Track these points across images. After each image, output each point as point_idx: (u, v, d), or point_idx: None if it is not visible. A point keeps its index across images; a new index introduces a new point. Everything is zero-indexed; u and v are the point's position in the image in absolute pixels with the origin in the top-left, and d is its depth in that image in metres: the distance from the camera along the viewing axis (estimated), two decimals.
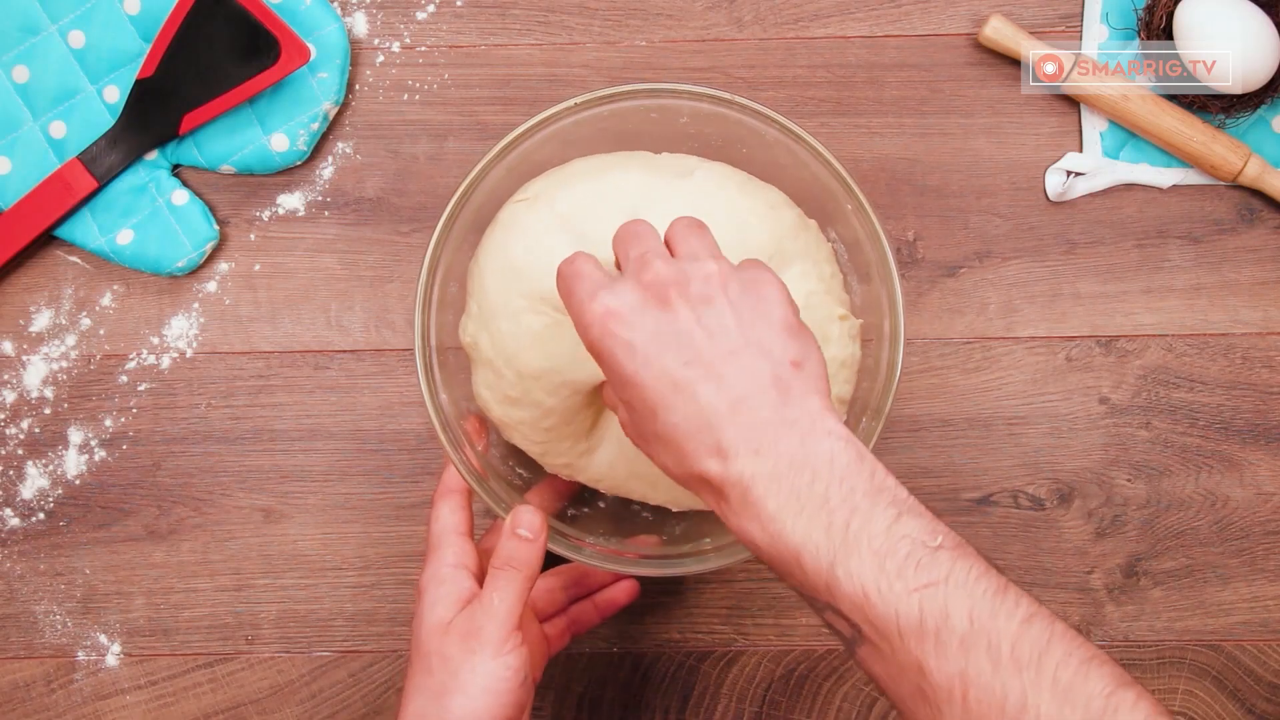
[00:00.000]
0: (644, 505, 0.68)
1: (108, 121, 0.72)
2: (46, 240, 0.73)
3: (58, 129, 0.72)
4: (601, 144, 0.66)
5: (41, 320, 0.73)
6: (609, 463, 0.66)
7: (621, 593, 0.69)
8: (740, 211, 0.63)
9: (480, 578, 0.59)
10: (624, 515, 0.68)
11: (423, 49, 0.74)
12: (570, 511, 0.68)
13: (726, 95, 0.63)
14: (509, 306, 0.63)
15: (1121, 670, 0.45)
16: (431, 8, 0.74)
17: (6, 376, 0.73)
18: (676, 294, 0.50)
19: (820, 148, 0.63)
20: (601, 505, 0.68)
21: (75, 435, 0.73)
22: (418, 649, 0.58)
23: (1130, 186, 0.74)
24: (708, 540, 0.65)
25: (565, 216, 0.63)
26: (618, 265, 0.54)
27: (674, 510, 0.67)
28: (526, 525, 0.58)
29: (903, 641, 0.45)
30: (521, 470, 0.68)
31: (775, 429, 0.48)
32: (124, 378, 0.73)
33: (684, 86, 0.64)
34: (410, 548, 0.73)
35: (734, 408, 0.49)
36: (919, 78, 0.74)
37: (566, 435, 0.65)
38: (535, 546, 0.58)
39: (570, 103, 0.63)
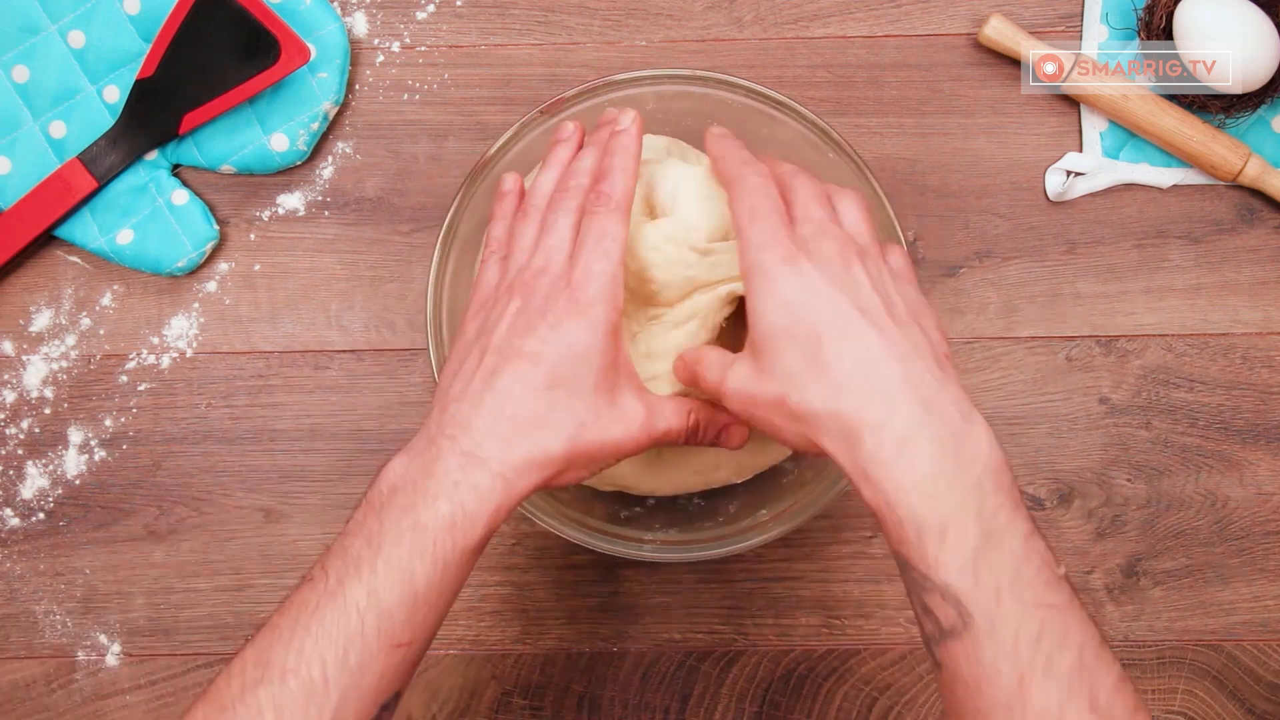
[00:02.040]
0: (690, 493, 0.68)
1: (108, 121, 0.72)
2: (46, 240, 0.73)
3: (58, 129, 0.72)
4: None
5: (41, 320, 0.73)
6: (657, 477, 0.67)
7: None
8: None
9: None
10: (674, 506, 0.68)
11: (423, 49, 0.74)
12: (623, 513, 0.68)
13: (702, 73, 0.65)
14: None
15: None
16: (431, 8, 0.74)
17: (6, 376, 0.73)
18: (860, 262, 0.52)
19: (838, 137, 0.64)
20: (651, 502, 0.68)
21: (75, 435, 0.73)
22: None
23: (1130, 186, 0.74)
24: (764, 511, 0.65)
25: None
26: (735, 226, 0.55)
27: (718, 489, 0.68)
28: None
29: (1015, 651, 0.45)
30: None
31: (939, 398, 0.48)
32: (124, 378, 0.73)
33: (693, 72, 0.64)
34: None
35: (904, 363, 0.49)
36: (919, 78, 0.74)
37: None
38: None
39: (573, 91, 0.64)
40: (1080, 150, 0.74)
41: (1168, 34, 0.71)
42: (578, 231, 0.56)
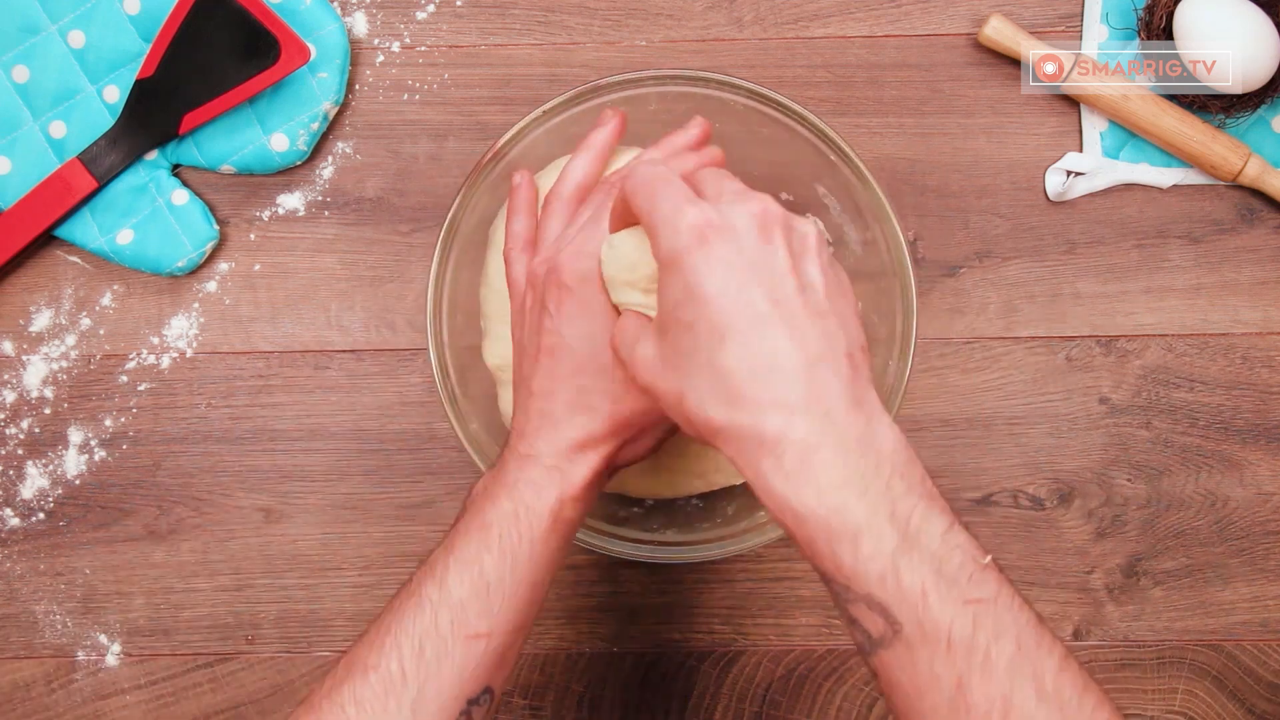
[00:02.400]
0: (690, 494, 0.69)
1: (108, 121, 0.72)
2: (46, 240, 0.73)
3: (58, 129, 0.72)
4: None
5: (41, 320, 0.73)
6: (657, 480, 0.67)
7: None
8: None
9: None
10: (673, 507, 0.68)
11: (423, 49, 0.74)
12: (621, 513, 0.68)
13: (749, 84, 0.64)
14: None
15: None
16: (431, 8, 0.74)
17: (6, 376, 0.73)
18: (781, 234, 0.48)
19: (838, 139, 0.63)
20: (649, 503, 0.69)
21: (75, 435, 0.73)
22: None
23: (1130, 186, 0.74)
24: (762, 513, 0.65)
25: None
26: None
27: (717, 490, 0.68)
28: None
29: (949, 652, 0.43)
30: None
31: (846, 402, 0.46)
32: (124, 378, 0.73)
33: (653, 73, 0.65)
34: (410, 547, 0.73)
35: (810, 365, 0.45)
36: (919, 78, 0.74)
37: None
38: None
39: (539, 111, 0.64)
40: (1080, 150, 0.74)
41: (1168, 34, 0.71)
42: None
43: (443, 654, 0.50)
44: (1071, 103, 0.74)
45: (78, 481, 0.73)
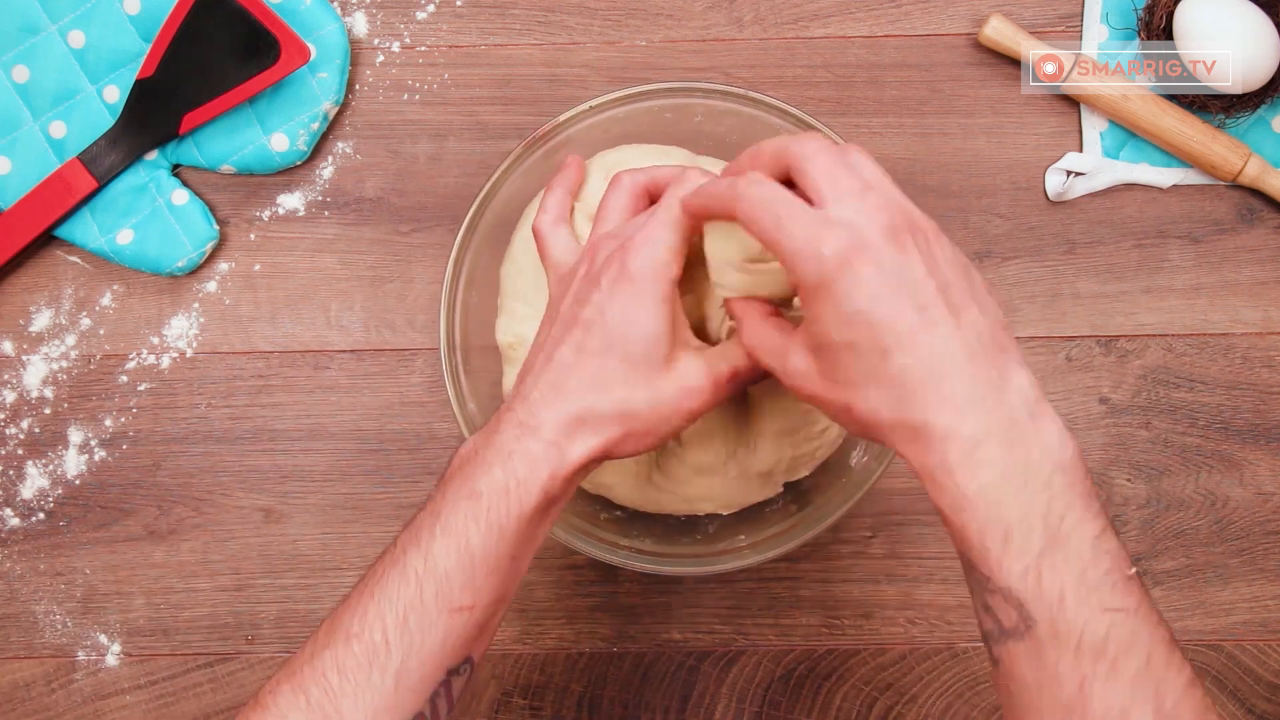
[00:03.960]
0: None
1: (108, 121, 0.72)
2: (46, 240, 0.73)
3: (58, 129, 0.72)
4: (616, 144, 0.67)
5: (41, 320, 0.73)
6: (643, 497, 0.67)
7: None
8: None
9: None
10: (653, 517, 0.68)
11: (423, 49, 0.74)
12: (603, 515, 0.68)
13: (752, 94, 0.64)
14: None
15: None
16: (431, 8, 0.74)
17: (6, 376, 0.73)
18: (911, 239, 0.47)
19: (839, 140, 0.63)
20: (633, 509, 0.69)
21: (75, 435, 0.73)
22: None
23: (1130, 186, 0.74)
24: (742, 537, 0.65)
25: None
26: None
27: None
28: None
29: (1077, 655, 0.44)
30: None
31: (1003, 392, 0.47)
32: (124, 378, 0.73)
33: (705, 85, 0.65)
34: None
35: (971, 362, 0.46)
36: (919, 78, 0.74)
37: None
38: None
39: (586, 105, 0.64)
40: (1080, 150, 0.74)
41: (1168, 34, 0.71)
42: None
43: (426, 625, 0.50)
44: (1071, 103, 0.74)
45: (78, 481, 0.73)
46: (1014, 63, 0.74)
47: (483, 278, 0.66)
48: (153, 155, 0.73)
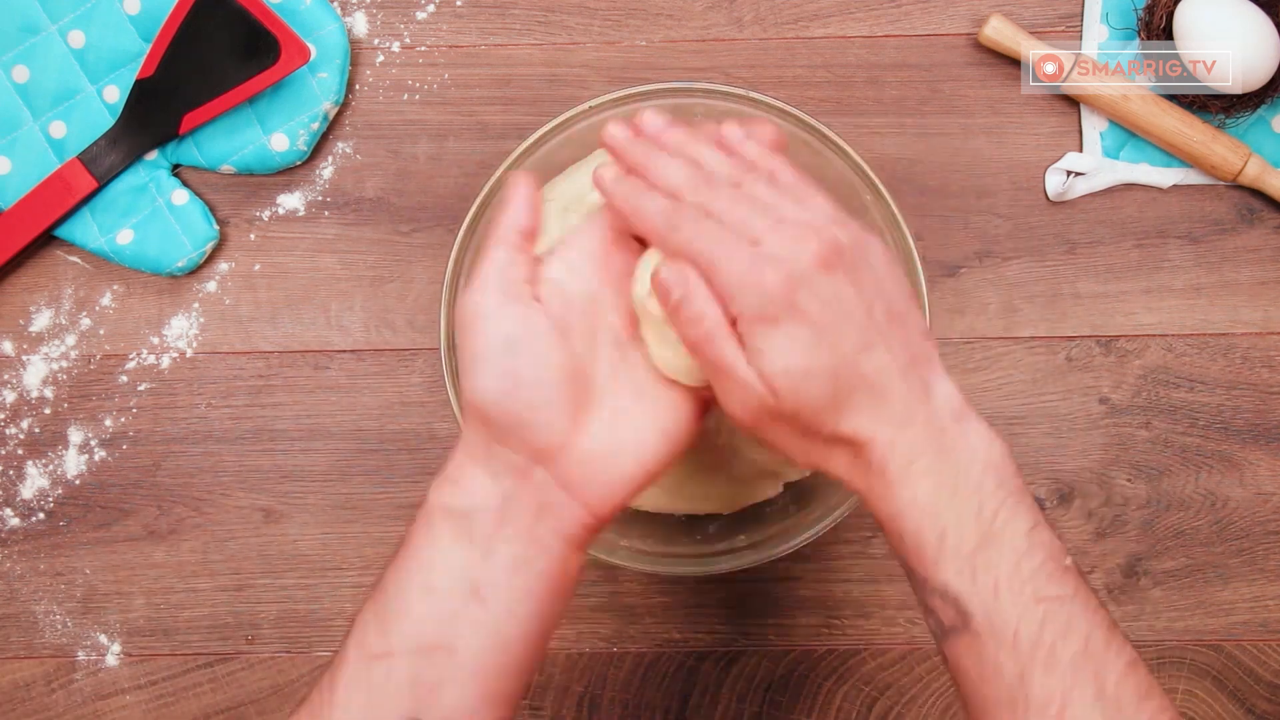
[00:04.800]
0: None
1: (108, 121, 0.72)
2: (46, 240, 0.73)
3: (58, 129, 0.72)
4: None
5: (41, 320, 0.73)
6: (644, 495, 0.66)
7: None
8: None
9: None
10: (655, 517, 0.68)
11: (423, 49, 0.74)
12: None
13: (752, 94, 0.64)
14: None
15: None
16: (431, 8, 0.74)
17: (6, 376, 0.73)
18: (841, 268, 0.48)
19: (836, 138, 0.63)
20: (633, 509, 0.68)
21: (75, 435, 0.73)
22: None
23: (1130, 186, 0.74)
24: (742, 538, 0.65)
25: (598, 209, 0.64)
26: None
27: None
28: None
29: (1014, 646, 0.45)
30: None
31: (931, 402, 0.49)
32: (124, 378, 0.73)
33: (704, 85, 0.64)
34: None
35: (902, 375, 0.48)
36: (919, 78, 0.74)
37: None
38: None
39: (585, 106, 0.64)
40: (1080, 150, 0.74)
41: (1168, 34, 0.71)
42: None
43: (350, 680, 0.48)
44: (1071, 103, 0.74)
45: (78, 481, 0.73)
46: (1014, 63, 0.74)
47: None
48: (153, 155, 0.73)
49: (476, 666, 0.48)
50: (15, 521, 0.73)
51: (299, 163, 0.73)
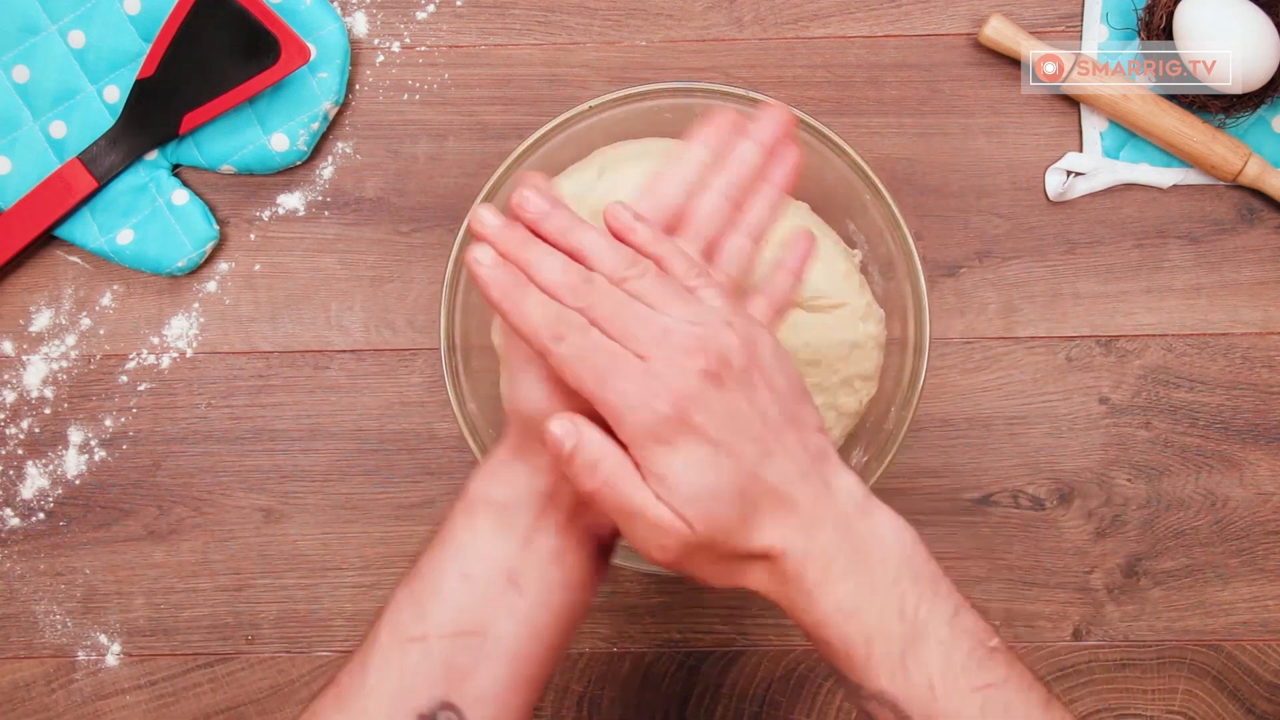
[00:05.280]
0: None
1: (108, 121, 0.72)
2: (46, 240, 0.73)
3: (58, 129, 0.72)
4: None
5: (41, 320, 0.73)
6: None
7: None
8: None
9: None
10: None
11: (423, 49, 0.74)
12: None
13: (752, 94, 0.64)
14: None
15: None
16: (431, 8, 0.74)
17: (6, 376, 0.73)
18: (730, 377, 0.47)
19: (836, 138, 0.64)
20: None
21: (75, 435, 0.73)
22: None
23: (1130, 186, 0.74)
24: None
25: (598, 209, 0.64)
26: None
27: None
28: None
29: None
30: None
31: (835, 499, 0.48)
32: (124, 378, 0.73)
33: (704, 85, 0.64)
34: (410, 548, 0.73)
35: (803, 477, 0.48)
36: (919, 78, 0.74)
37: None
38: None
39: (585, 106, 0.64)
40: (1080, 150, 0.74)
41: (1168, 34, 0.71)
42: None
43: (381, 663, 0.48)
44: (1071, 103, 0.74)
45: (78, 481, 0.73)
46: (1014, 63, 0.74)
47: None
48: (153, 155, 0.73)
49: (510, 652, 0.49)
50: (15, 521, 0.73)
51: (299, 163, 0.73)
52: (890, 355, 0.66)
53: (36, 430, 0.73)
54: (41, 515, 0.73)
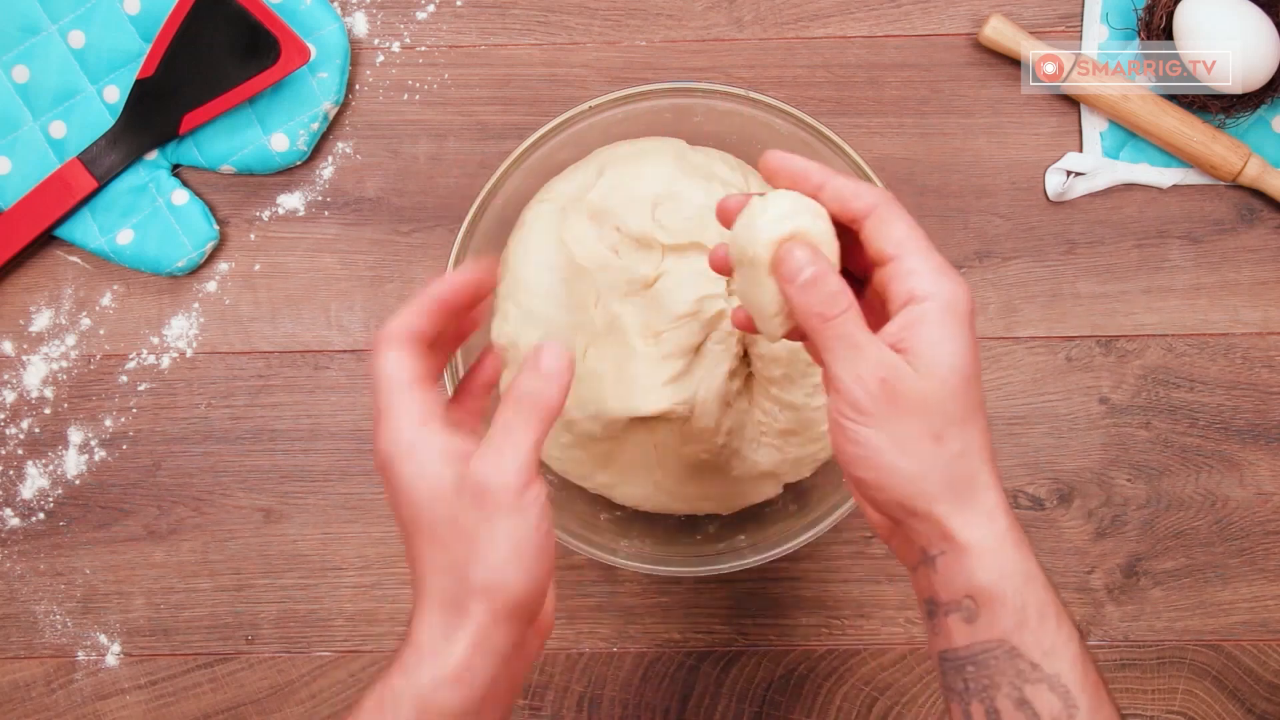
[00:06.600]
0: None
1: (108, 121, 0.72)
2: (46, 240, 0.73)
3: (58, 129, 0.72)
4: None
5: (41, 320, 0.73)
6: (644, 496, 0.67)
7: None
8: None
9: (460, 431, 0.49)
10: (652, 517, 0.68)
11: (423, 49, 0.74)
12: (603, 516, 0.68)
13: (752, 94, 0.64)
14: (552, 301, 0.64)
15: None
16: (431, 8, 0.74)
17: (6, 376, 0.73)
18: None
19: (836, 138, 0.64)
20: (632, 509, 0.69)
21: (75, 435, 0.73)
22: (416, 524, 0.48)
23: (1130, 186, 0.74)
24: (743, 537, 0.66)
25: (598, 209, 0.64)
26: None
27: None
28: (551, 358, 0.48)
29: None
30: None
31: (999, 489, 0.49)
32: (124, 378, 0.73)
33: (704, 85, 0.65)
34: None
35: (989, 457, 0.49)
36: (919, 78, 0.74)
37: (582, 456, 0.66)
38: (558, 384, 0.48)
39: (586, 106, 0.65)
40: (1080, 150, 0.74)
41: (1168, 34, 0.71)
42: None
43: None
44: (1071, 103, 0.74)
45: (78, 481, 0.73)
46: (1014, 63, 0.74)
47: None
48: (153, 155, 0.73)
49: None
50: (15, 521, 0.73)
51: (299, 163, 0.73)
52: None
53: (36, 430, 0.73)
54: (41, 515, 0.73)
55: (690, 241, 0.62)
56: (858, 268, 0.52)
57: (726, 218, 0.52)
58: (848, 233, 0.50)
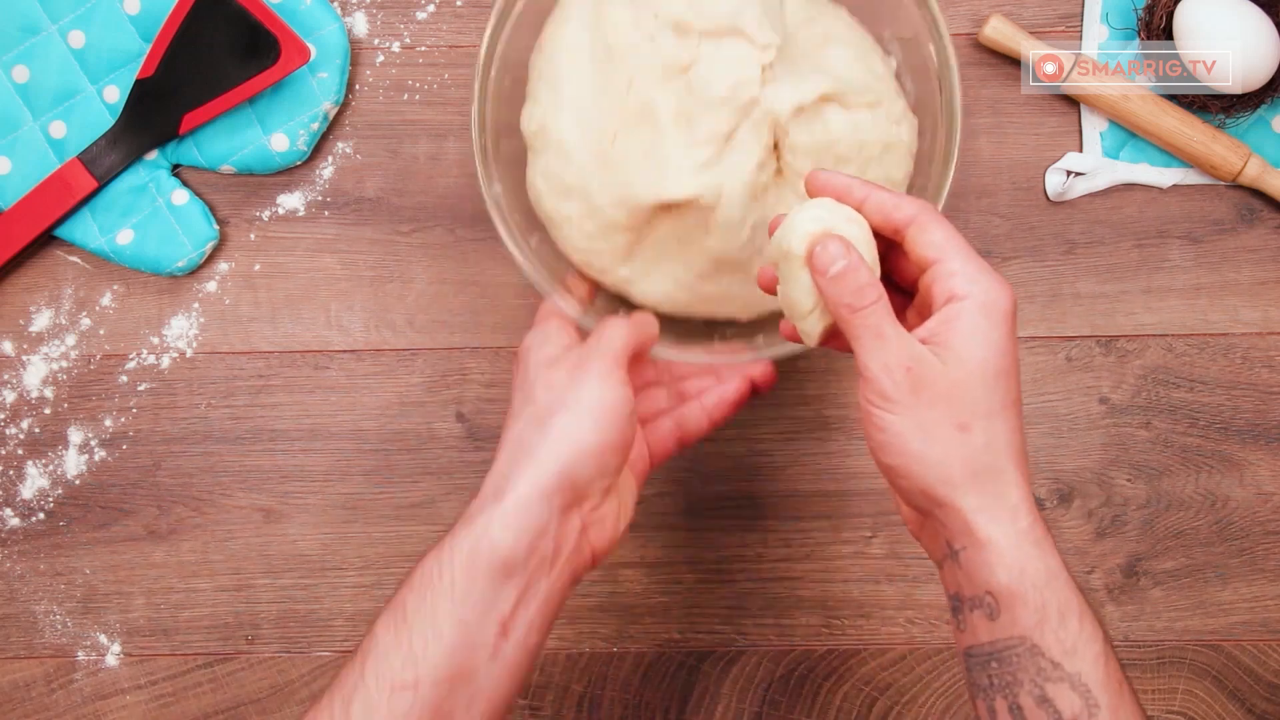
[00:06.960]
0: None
1: (108, 121, 0.72)
2: (46, 240, 0.73)
3: (58, 129, 0.72)
4: None
5: (41, 320, 0.73)
6: (664, 294, 0.66)
7: (733, 391, 0.62)
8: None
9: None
10: (672, 320, 0.67)
11: (423, 49, 0.74)
12: (622, 312, 0.66)
13: None
14: (585, 86, 0.64)
15: None
16: (431, 8, 0.74)
17: (6, 376, 0.73)
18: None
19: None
20: (650, 309, 0.67)
21: (75, 435, 0.73)
22: (522, 384, 0.55)
23: (1130, 186, 0.74)
24: (761, 338, 0.66)
25: None
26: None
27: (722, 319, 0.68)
28: (654, 325, 0.61)
29: None
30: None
31: (1029, 489, 0.51)
32: (124, 378, 0.73)
33: None
34: (410, 548, 0.73)
35: (1019, 454, 0.50)
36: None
37: (605, 248, 0.65)
38: (654, 328, 0.60)
39: None
40: (1080, 150, 0.74)
41: (1168, 34, 0.71)
42: None
43: (369, 709, 0.48)
44: (1071, 103, 0.74)
45: (78, 481, 0.73)
46: (1014, 63, 0.74)
47: (517, 60, 0.66)
48: (153, 155, 0.73)
49: (491, 694, 0.50)
50: (15, 521, 0.73)
51: (299, 163, 0.73)
52: (917, 170, 0.66)
53: (36, 430, 0.73)
54: (41, 515, 0.73)
55: (728, 25, 0.62)
56: (905, 280, 0.55)
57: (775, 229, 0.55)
58: (894, 247, 0.53)
